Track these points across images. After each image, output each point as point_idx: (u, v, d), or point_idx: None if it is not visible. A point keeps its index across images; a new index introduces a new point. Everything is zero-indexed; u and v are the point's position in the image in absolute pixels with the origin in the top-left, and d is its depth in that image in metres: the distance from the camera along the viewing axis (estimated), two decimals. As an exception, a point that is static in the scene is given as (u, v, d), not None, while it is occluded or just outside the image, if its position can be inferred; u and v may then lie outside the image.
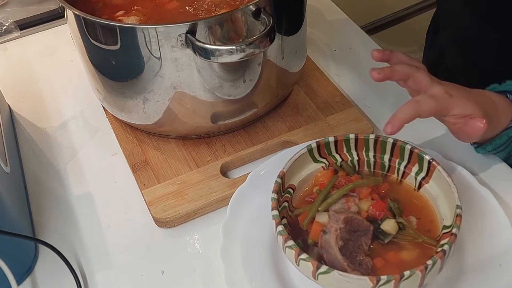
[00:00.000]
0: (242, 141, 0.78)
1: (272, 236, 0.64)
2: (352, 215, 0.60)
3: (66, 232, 0.72)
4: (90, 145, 0.83)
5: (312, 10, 0.81)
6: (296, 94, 0.84)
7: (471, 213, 0.65)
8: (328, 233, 0.59)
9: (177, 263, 0.68)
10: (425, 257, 0.57)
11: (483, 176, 0.71)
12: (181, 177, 0.74)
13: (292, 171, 0.65)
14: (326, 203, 0.61)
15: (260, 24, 0.66)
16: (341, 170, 0.67)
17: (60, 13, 0.74)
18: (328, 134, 0.75)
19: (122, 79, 0.73)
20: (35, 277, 0.68)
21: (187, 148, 0.78)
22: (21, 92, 0.92)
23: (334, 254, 0.57)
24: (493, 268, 0.61)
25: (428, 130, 0.79)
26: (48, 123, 0.87)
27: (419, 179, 0.65)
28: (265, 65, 0.72)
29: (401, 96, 0.85)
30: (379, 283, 0.53)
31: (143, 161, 0.77)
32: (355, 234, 0.59)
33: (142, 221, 0.72)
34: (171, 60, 0.67)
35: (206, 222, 0.71)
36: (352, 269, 0.56)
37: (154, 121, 0.75)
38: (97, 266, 0.68)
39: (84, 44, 0.72)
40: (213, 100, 0.72)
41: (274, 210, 0.60)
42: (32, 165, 0.81)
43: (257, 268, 0.63)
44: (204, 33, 0.65)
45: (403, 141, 0.65)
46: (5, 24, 1.01)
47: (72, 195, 0.76)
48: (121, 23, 0.71)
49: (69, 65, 0.96)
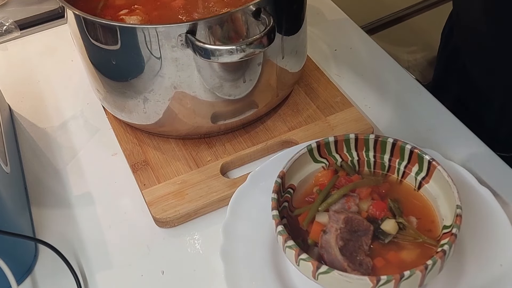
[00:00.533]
0: (242, 141, 0.78)
1: (272, 236, 0.64)
2: (352, 215, 0.60)
3: (66, 232, 0.72)
4: (90, 145, 0.83)
5: (312, 10, 0.81)
6: (296, 94, 0.84)
7: (471, 213, 0.65)
8: (328, 233, 0.59)
9: (177, 263, 0.68)
10: (425, 257, 0.57)
11: (483, 176, 0.71)
12: (181, 177, 0.74)
13: (292, 171, 0.65)
14: (326, 203, 0.61)
15: (260, 24, 0.66)
16: (341, 170, 0.67)
17: (60, 13, 0.74)
18: (328, 134, 0.75)
19: (122, 79, 0.73)
20: (35, 277, 0.68)
21: (187, 148, 0.78)
22: (21, 92, 0.92)
23: (334, 254, 0.57)
24: (493, 268, 0.61)
25: (428, 130, 0.79)
26: (48, 123, 0.87)
27: (419, 179, 0.65)
28: (265, 65, 0.72)
29: (401, 96, 0.86)
30: (379, 283, 0.53)
31: (143, 161, 0.77)
32: (355, 234, 0.59)
33: (142, 221, 0.72)
34: (171, 60, 0.67)
35: (206, 222, 0.71)
36: (352, 269, 0.56)
37: (154, 121, 0.75)
38: (97, 266, 0.68)
39: (84, 44, 0.72)
40: (213, 100, 0.72)
41: (274, 210, 0.60)
42: (32, 165, 0.81)
43: (257, 268, 0.63)
44: (204, 33, 0.65)
45: (403, 141, 0.65)
46: (5, 24, 1.01)
47: (72, 195, 0.76)
48: (121, 23, 0.71)
49: (69, 65, 0.96)
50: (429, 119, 0.82)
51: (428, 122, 0.81)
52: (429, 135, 0.79)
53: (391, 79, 0.89)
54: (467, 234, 0.63)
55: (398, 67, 0.91)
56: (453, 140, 0.78)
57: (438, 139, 0.78)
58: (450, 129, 0.80)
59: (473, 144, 0.77)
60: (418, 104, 0.84)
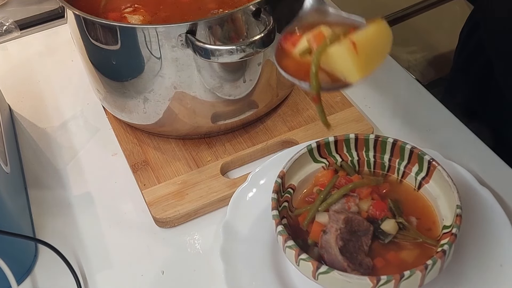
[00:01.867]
0: (242, 141, 0.78)
1: (272, 236, 0.64)
2: (352, 215, 0.60)
3: (66, 232, 0.72)
4: (90, 145, 0.83)
5: (312, 10, 0.81)
6: (296, 94, 0.84)
7: (471, 213, 0.65)
8: (328, 233, 0.59)
9: (177, 263, 0.68)
10: (425, 257, 0.57)
11: (483, 176, 0.71)
12: (181, 177, 0.74)
13: (292, 171, 0.65)
14: (326, 203, 0.61)
15: (260, 24, 0.66)
16: (341, 170, 0.67)
17: (60, 13, 0.74)
18: (328, 134, 0.75)
19: (122, 79, 0.73)
20: (35, 277, 0.68)
21: (187, 148, 0.78)
22: (21, 92, 0.92)
23: (334, 254, 0.57)
24: (493, 268, 0.61)
25: (429, 130, 0.79)
26: (48, 123, 0.87)
27: (419, 179, 0.65)
28: (265, 65, 0.72)
29: (401, 96, 0.86)
30: (379, 283, 0.53)
31: (143, 161, 0.77)
32: (356, 234, 0.59)
33: (142, 221, 0.72)
34: (171, 60, 0.67)
35: (206, 222, 0.71)
36: (352, 269, 0.56)
37: (154, 121, 0.75)
38: (97, 266, 0.68)
39: (84, 44, 0.72)
40: (213, 100, 0.72)
41: (274, 210, 0.60)
42: (32, 165, 0.81)
43: (257, 268, 0.63)
44: (204, 33, 0.65)
45: (403, 141, 0.65)
46: (5, 24, 1.01)
47: (72, 195, 0.76)
48: (121, 23, 0.70)
49: (69, 65, 0.96)
50: (429, 119, 0.82)
51: (428, 122, 0.81)
52: (429, 135, 0.79)
53: (391, 79, 0.89)
54: (467, 234, 0.63)
55: (398, 67, 0.91)
56: (453, 140, 0.78)
57: (438, 139, 0.78)
58: (450, 129, 0.80)
59: (473, 144, 0.77)
60: (418, 104, 0.84)
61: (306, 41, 0.58)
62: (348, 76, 0.55)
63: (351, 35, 0.55)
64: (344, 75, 0.55)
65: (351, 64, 0.55)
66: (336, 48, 0.55)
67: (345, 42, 0.55)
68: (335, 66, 0.56)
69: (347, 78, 0.55)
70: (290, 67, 0.59)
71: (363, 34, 0.56)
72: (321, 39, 0.57)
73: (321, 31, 0.58)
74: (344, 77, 0.56)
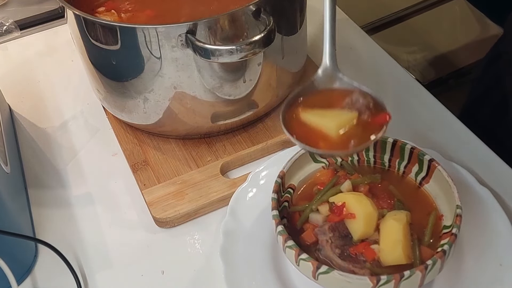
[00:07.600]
0: (242, 141, 0.78)
1: (272, 236, 0.64)
2: (334, 223, 0.60)
3: (66, 232, 0.72)
4: (90, 145, 0.83)
5: (312, 10, 0.80)
6: (296, 94, 0.84)
7: (471, 213, 0.65)
8: (323, 248, 0.59)
9: (177, 263, 0.68)
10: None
11: (483, 176, 0.71)
12: (181, 177, 0.74)
13: (292, 171, 0.65)
14: (318, 200, 0.62)
15: (260, 24, 0.66)
16: (341, 169, 0.67)
17: (60, 13, 0.74)
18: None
19: (122, 79, 0.73)
20: (35, 277, 0.68)
21: (187, 148, 0.78)
22: (21, 92, 0.92)
23: (337, 263, 0.57)
24: (493, 268, 0.61)
25: (429, 130, 0.79)
26: (48, 123, 0.87)
27: (419, 179, 0.65)
28: (265, 65, 0.72)
29: (401, 96, 0.86)
30: (379, 283, 0.53)
31: (143, 161, 0.77)
32: (347, 237, 0.59)
33: (142, 221, 0.72)
34: (171, 60, 0.67)
35: (206, 222, 0.71)
36: (360, 268, 0.56)
37: (154, 121, 0.75)
38: (97, 266, 0.68)
39: (84, 44, 0.72)
40: (213, 100, 0.72)
41: (274, 210, 0.60)
42: (32, 165, 0.81)
43: (257, 268, 0.63)
44: (204, 33, 0.65)
45: (403, 141, 0.65)
46: (5, 24, 1.01)
47: (72, 195, 0.76)
48: (121, 23, 0.71)
49: (69, 65, 0.96)
50: (429, 119, 0.82)
51: (428, 122, 0.81)
52: (429, 135, 0.79)
53: (391, 79, 0.89)
54: (467, 234, 0.63)
55: (398, 67, 0.91)
56: (453, 140, 0.78)
57: (438, 139, 0.78)
58: (450, 129, 0.80)
59: (473, 144, 0.77)
60: (418, 104, 0.84)
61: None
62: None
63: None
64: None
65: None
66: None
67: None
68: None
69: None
70: (296, 128, 0.59)
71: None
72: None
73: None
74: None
